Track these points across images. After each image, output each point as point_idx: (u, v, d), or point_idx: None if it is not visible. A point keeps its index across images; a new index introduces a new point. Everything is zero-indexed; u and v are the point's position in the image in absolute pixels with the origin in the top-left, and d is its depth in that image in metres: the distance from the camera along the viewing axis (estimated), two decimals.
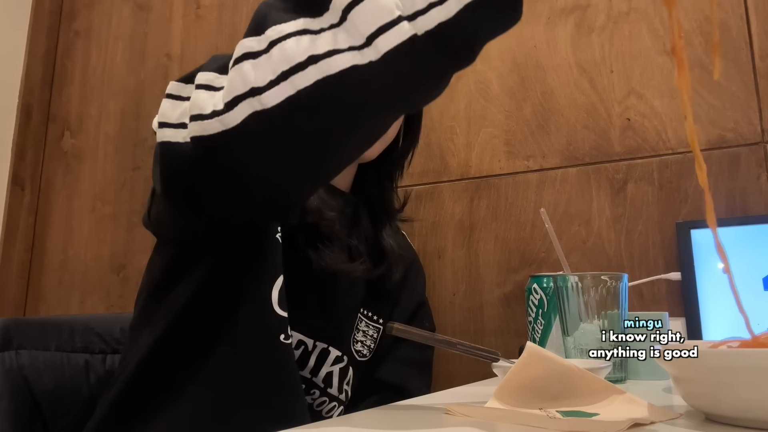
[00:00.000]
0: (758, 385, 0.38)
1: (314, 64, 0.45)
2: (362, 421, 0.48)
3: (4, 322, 0.73)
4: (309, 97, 0.46)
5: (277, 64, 0.46)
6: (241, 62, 0.48)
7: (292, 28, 0.47)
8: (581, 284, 0.73)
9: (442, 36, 0.44)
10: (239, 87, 0.47)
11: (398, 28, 0.44)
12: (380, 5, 0.45)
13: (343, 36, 0.46)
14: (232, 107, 0.47)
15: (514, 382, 0.51)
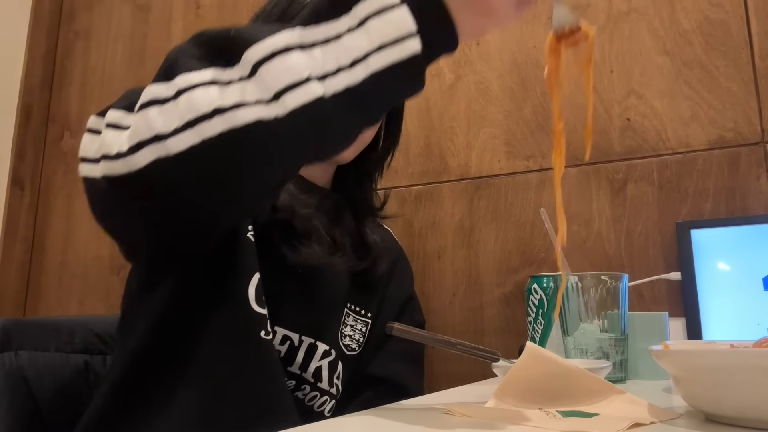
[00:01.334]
0: (758, 385, 0.38)
1: (220, 115, 0.46)
2: (362, 421, 0.48)
3: (3, 322, 0.73)
4: (214, 147, 0.47)
5: (183, 112, 0.47)
6: (147, 107, 0.49)
7: (201, 78, 0.48)
8: (581, 284, 0.73)
9: (349, 98, 0.47)
10: (143, 132, 0.48)
11: (306, 87, 0.46)
12: (290, 64, 0.47)
13: (251, 89, 0.47)
14: (135, 151, 0.48)
15: (514, 382, 0.51)
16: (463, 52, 1.28)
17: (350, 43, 0.48)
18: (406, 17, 0.48)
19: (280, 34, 0.48)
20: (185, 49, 0.52)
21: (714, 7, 1.08)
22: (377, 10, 0.49)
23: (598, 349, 0.72)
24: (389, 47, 0.47)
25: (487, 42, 1.26)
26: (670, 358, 0.45)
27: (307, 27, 0.49)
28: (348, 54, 0.47)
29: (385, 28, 0.48)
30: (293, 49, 0.48)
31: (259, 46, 0.48)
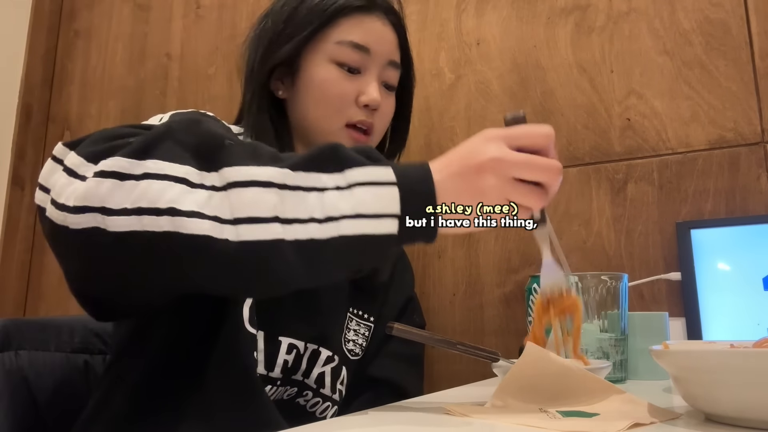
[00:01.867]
0: (758, 385, 0.38)
1: (170, 216, 0.46)
2: (362, 421, 0.48)
3: (3, 322, 0.73)
4: (152, 242, 0.46)
5: (138, 197, 0.47)
6: (106, 177, 0.48)
7: (173, 172, 0.48)
8: (581, 284, 0.73)
9: (309, 249, 0.47)
10: (93, 200, 0.48)
11: (267, 227, 0.46)
12: (262, 200, 0.47)
13: (216, 202, 0.47)
14: (78, 212, 0.48)
15: (514, 382, 0.51)
16: (463, 51, 1.28)
17: (331, 201, 0.48)
18: (394, 198, 0.49)
19: (268, 169, 0.49)
20: (176, 131, 0.51)
21: (714, 7, 1.08)
22: (368, 181, 0.50)
23: (598, 349, 0.72)
24: (366, 219, 0.48)
25: (487, 42, 1.26)
26: (670, 358, 0.45)
27: (298, 170, 0.49)
28: (325, 210, 0.48)
29: (369, 199, 0.49)
30: (272, 187, 0.48)
31: (243, 169, 0.48)
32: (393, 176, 0.50)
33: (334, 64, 0.80)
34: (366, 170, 0.50)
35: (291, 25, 0.81)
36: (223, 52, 1.56)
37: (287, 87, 0.83)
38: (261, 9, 1.52)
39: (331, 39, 0.80)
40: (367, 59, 0.81)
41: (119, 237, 0.47)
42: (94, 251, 0.50)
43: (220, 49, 1.56)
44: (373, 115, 0.81)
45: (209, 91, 1.55)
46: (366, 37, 0.81)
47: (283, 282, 0.50)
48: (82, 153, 0.52)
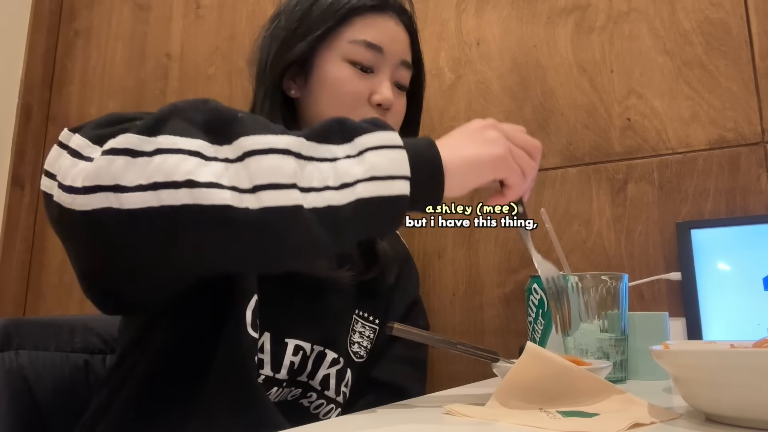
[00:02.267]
0: (758, 385, 0.38)
1: (189, 188, 0.45)
2: (362, 421, 0.48)
3: (3, 322, 0.73)
4: (170, 216, 0.46)
5: (152, 172, 0.46)
6: (117, 155, 0.47)
7: (186, 145, 0.47)
8: (581, 284, 0.73)
9: (327, 216, 0.48)
10: (105, 178, 0.46)
11: (288, 192, 0.47)
12: (282, 166, 0.47)
13: (232, 173, 0.47)
14: (88, 192, 0.47)
15: (514, 382, 0.51)
16: (463, 51, 1.28)
17: (344, 168, 0.49)
18: (403, 160, 0.51)
19: (284, 136, 0.49)
20: (184, 109, 0.51)
21: (714, 7, 1.08)
22: (378, 145, 0.51)
23: (598, 349, 0.72)
24: (380, 181, 0.49)
25: (487, 42, 1.26)
26: (670, 358, 0.45)
27: (311, 141, 0.50)
28: (339, 177, 0.49)
29: (381, 162, 0.50)
30: (290, 154, 0.48)
31: (260, 138, 0.48)
32: (400, 140, 0.52)
33: (348, 63, 0.80)
34: (375, 135, 0.51)
35: (304, 24, 0.81)
36: (223, 52, 1.56)
37: (300, 86, 0.83)
38: (261, 9, 1.53)
39: (345, 38, 0.80)
40: (380, 58, 0.81)
41: (133, 214, 0.46)
42: (105, 232, 0.48)
43: (220, 49, 1.56)
44: (386, 114, 0.82)
45: (209, 91, 1.55)
46: (379, 37, 0.81)
47: (305, 248, 0.51)
48: (87, 135, 0.51)
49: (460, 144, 0.58)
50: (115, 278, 0.55)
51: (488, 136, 0.59)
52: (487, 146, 0.58)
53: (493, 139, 0.59)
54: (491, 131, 0.60)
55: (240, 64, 1.52)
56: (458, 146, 0.58)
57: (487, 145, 0.58)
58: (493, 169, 0.59)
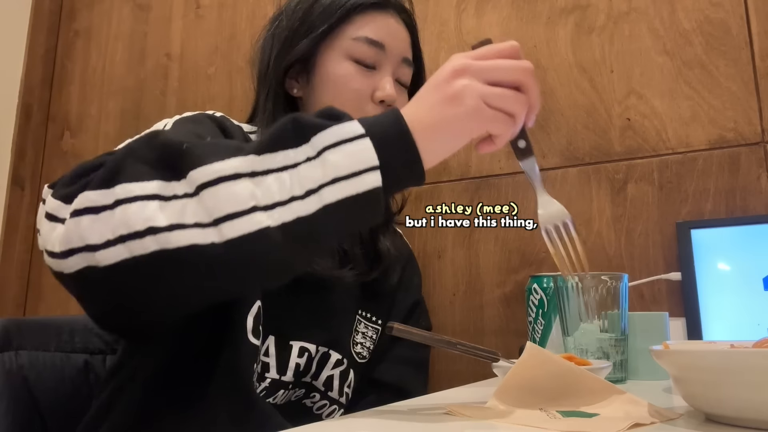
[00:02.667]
0: (758, 385, 0.38)
1: (153, 235, 0.45)
2: (362, 421, 0.48)
3: (3, 322, 0.73)
4: (145, 264, 0.45)
5: (116, 226, 0.46)
6: (81, 215, 0.47)
7: (143, 190, 0.47)
8: (581, 284, 0.73)
9: (299, 228, 0.46)
10: (75, 240, 0.47)
11: (249, 218, 0.45)
12: (234, 192, 0.45)
13: (192, 209, 0.46)
14: (66, 257, 0.47)
15: (514, 382, 0.51)
16: (463, 51, 1.27)
17: (306, 173, 0.47)
18: (366, 150, 0.47)
19: (231, 160, 0.47)
20: (136, 150, 0.50)
21: (714, 7, 1.08)
22: (334, 141, 0.48)
23: (598, 349, 0.72)
24: (344, 181, 0.46)
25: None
26: (670, 358, 0.45)
27: (264, 153, 0.48)
28: (302, 184, 0.46)
29: (340, 160, 0.47)
30: (242, 177, 0.46)
31: (207, 168, 0.46)
32: (360, 128, 0.48)
33: (350, 60, 0.80)
34: (331, 131, 0.48)
35: (306, 23, 0.81)
36: (223, 52, 1.56)
37: (302, 85, 0.83)
38: (261, 9, 1.53)
39: (347, 35, 0.80)
40: (382, 56, 0.81)
41: (113, 269, 0.46)
42: (96, 289, 0.49)
43: (220, 49, 1.56)
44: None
45: (209, 91, 1.55)
46: (381, 34, 0.81)
47: (282, 269, 0.50)
48: (58, 195, 0.51)
49: (427, 106, 0.52)
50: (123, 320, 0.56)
51: (454, 89, 0.51)
52: (454, 103, 0.51)
53: (459, 91, 0.51)
54: (458, 80, 0.52)
55: (240, 64, 1.52)
56: (425, 110, 0.51)
57: (454, 102, 0.51)
58: (467, 130, 0.52)
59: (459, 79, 0.52)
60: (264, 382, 0.72)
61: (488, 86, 0.52)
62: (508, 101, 0.52)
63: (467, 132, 0.52)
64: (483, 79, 0.52)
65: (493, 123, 0.52)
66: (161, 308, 0.53)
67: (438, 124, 0.51)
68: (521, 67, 0.53)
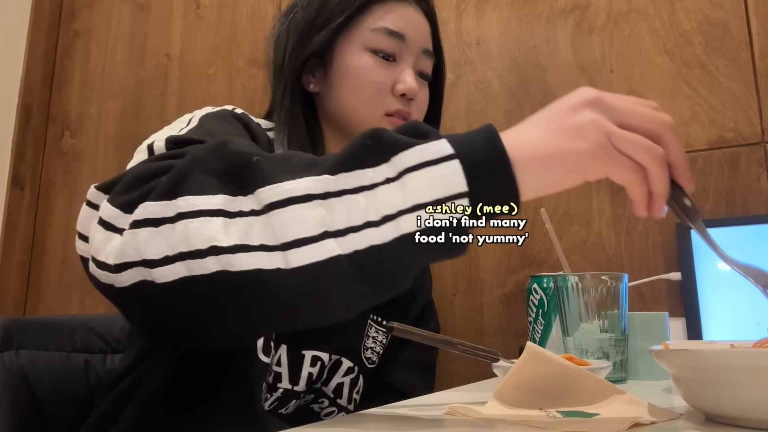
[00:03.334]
0: (758, 385, 0.38)
1: (215, 256, 0.41)
2: (363, 421, 0.48)
3: (4, 322, 0.73)
4: (204, 286, 0.42)
5: (176, 242, 0.43)
6: (140, 227, 0.44)
7: (207, 205, 0.43)
8: (581, 284, 0.73)
9: (370, 259, 0.41)
10: (131, 254, 0.44)
11: (317, 246, 0.40)
12: (305, 217, 0.41)
13: (258, 229, 0.42)
14: (121, 270, 0.44)
15: (514, 382, 0.51)
16: (463, 51, 1.28)
17: (383, 197, 0.41)
18: (455, 174, 0.41)
19: (303, 180, 0.42)
20: (201, 158, 0.47)
21: (714, 7, 1.08)
22: (417, 163, 0.41)
23: (598, 349, 0.72)
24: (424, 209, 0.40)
25: (487, 42, 1.26)
26: (670, 358, 0.45)
27: (339, 172, 0.43)
28: (378, 209, 0.41)
29: (424, 186, 0.41)
30: (313, 200, 0.42)
31: (277, 187, 0.42)
32: (448, 148, 0.42)
33: (369, 52, 0.77)
34: (415, 151, 0.42)
35: (323, 15, 0.78)
36: (223, 52, 1.56)
37: (319, 80, 0.80)
38: (261, 9, 1.53)
39: (366, 26, 0.77)
40: (402, 47, 0.78)
41: (169, 287, 0.43)
42: (148, 306, 0.46)
43: (220, 49, 1.56)
44: (410, 104, 0.79)
45: (209, 91, 1.55)
46: (400, 24, 0.78)
47: (352, 302, 0.45)
48: (116, 203, 0.47)
49: (536, 133, 0.45)
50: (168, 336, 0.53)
51: (578, 122, 0.45)
52: (575, 136, 0.44)
53: (583, 125, 0.45)
54: (585, 112, 0.46)
55: (240, 64, 1.52)
56: (536, 137, 0.44)
57: (576, 135, 0.44)
58: (584, 168, 0.44)
59: (586, 111, 0.46)
60: (276, 392, 0.71)
61: (618, 127, 0.45)
62: (639, 148, 0.45)
63: (583, 171, 0.44)
64: (614, 119, 0.46)
65: (617, 167, 0.44)
66: (212, 335, 0.50)
67: (550, 155, 0.44)
68: (660, 117, 0.48)
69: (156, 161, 0.51)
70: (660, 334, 0.76)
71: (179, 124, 0.64)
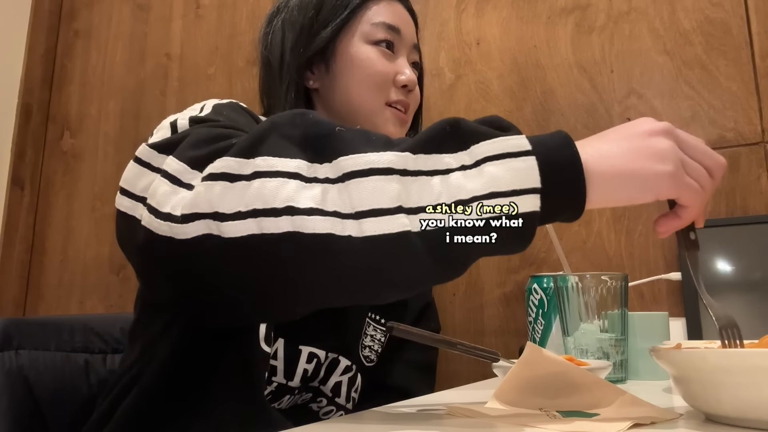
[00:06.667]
0: (758, 385, 0.38)
1: (290, 216, 0.42)
2: (363, 421, 0.48)
3: (4, 322, 0.73)
4: (273, 244, 0.42)
5: (251, 199, 0.43)
6: (215, 180, 0.44)
7: (285, 167, 0.44)
8: (581, 284, 0.73)
9: (440, 240, 0.42)
10: (203, 206, 0.44)
11: (391, 219, 0.42)
12: (384, 189, 0.42)
13: (333, 196, 0.43)
14: (188, 221, 0.44)
15: (514, 382, 0.51)
16: (463, 51, 1.28)
17: (458, 182, 0.43)
18: (531, 169, 0.43)
19: (386, 154, 0.43)
20: (281, 125, 0.47)
21: (714, 7, 1.08)
22: (499, 153, 0.43)
23: (598, 349, 0.72)
24: (502, 197, 0.42)
25: (487, 42, 1.26)
26: (670, 358, 0.45)
27: (418, 153, 0.44)
28: (452, 194, 0.42)
29: (503, 174, 0.42)
30: (393, 173, 0.43)
31: (359, 158, 0.43)
32: (527, 143, 0.44)
33: (371, 45, 0.80)
34: (494, 143, 0.44)
35: (324, 11, 0.80)
36: (222, 52, 1.56)
37: (319, 76, 0.81)
38: (261, 9, 1.53)
39: (366, 21, 0.81)
40: (399, 40, 0.82)
41: (236, 243, 0.43)
42: (206, 261, 0.46)
43: (220, 49, 1.56)
44: (409, 96, 0.83)
45: (209, 91, 1.55)
46: (395, 19, 0.83)
47: (414, 279, 0.45)
48: (184, 158, 0.48)
49: (615, 148, 0.47)
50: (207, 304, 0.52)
51: (660, 146, 0.48)
52: (657, 159, 0.47)
53: (663, 150, 0.48)
54: (662, 139, 0.48)
55: (240, 64, 1.52)
56: (611, 151, 0.47)
57: (658, 158, 0.47)
58: (660, 189, 0.47)
59: (663, 138, 0.49)
60: (270, 386, 0.71)
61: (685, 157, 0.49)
62: (704, 177, 0.50)
63: (659, 191, 0.47)
64: (684, 150, 0.50)
65: (688, 191, 0.48)
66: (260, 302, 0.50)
67: (631, 172, 0.46)
68: (718, 158, 0.52)
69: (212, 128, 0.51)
70: (660, 334, 0.76)
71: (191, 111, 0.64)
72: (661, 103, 1.09)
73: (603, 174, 0.45)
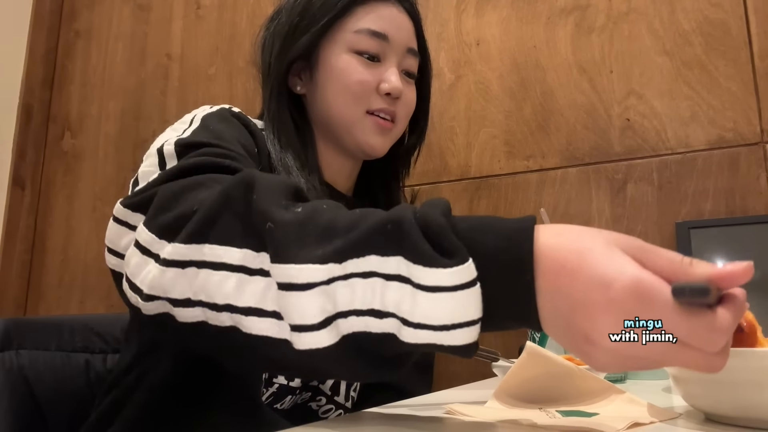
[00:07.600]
0: (758, 385, 0.38)
1: (230, 313, 0.43)
2: (363, 421, 0.48)
3: (4, 322, 0.73)
4: (219, 332, 0.44)
5: (198, 289, 0.44)
6: (167, 266, 0.45)
7: (229, 259, 0.43)
8: None
9: (369, 346, 0.40)
10: (158, 290, 0.46)
11: (322, 333, 0.40)
12: (304, 305, 0.40)
13: (274, 294, 0.41)
14: (149, 300, 0.47)
15: (514, 382, 0.51)
16: (463, 52, 1.28)
17: (393, 296, 0.39)
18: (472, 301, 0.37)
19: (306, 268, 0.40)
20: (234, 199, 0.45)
21: (714, 7, 1.08)
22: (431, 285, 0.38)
23: None
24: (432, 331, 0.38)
25: (487, 42, 1.26)
26: None
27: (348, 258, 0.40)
28: (385, 303, 0.39)
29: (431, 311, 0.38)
30: (316, 287, 0.40)
31: (281, 269, 0.41)
32: (472, 272, 0.37)
33: (353, 54, 0.78)
34: (433, 272, 0.38)
35: (306, 18, 0.79)
36: (223, 52, 1.56)
37: (305, 82, 0.82)
38: (261, 9, 1.53)
39: (349, 28, 0.79)
40: (386, 47, 0.79)
41: (189, 325, 0.45)
42: (170, 334, 0.51)
43: (220, 49, 1.57)
44: (396, 103, 0.80)
45: (209, 91, 1.55)
46: (383, 25, 0.79)
47: (351, 377, 0.50)
48: (153, 227, 0.48)
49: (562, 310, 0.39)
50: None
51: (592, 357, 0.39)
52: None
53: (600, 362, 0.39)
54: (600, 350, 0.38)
55: (240, 64, 1.53)
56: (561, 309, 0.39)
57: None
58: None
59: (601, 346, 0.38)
60: (272, 387, 0.71)
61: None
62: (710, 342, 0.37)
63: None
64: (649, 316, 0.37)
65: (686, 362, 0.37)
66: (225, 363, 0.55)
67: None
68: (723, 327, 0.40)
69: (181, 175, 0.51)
70: None
71: (181, 125, 0.65)
72: (660, 103, 1.10)
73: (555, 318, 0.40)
